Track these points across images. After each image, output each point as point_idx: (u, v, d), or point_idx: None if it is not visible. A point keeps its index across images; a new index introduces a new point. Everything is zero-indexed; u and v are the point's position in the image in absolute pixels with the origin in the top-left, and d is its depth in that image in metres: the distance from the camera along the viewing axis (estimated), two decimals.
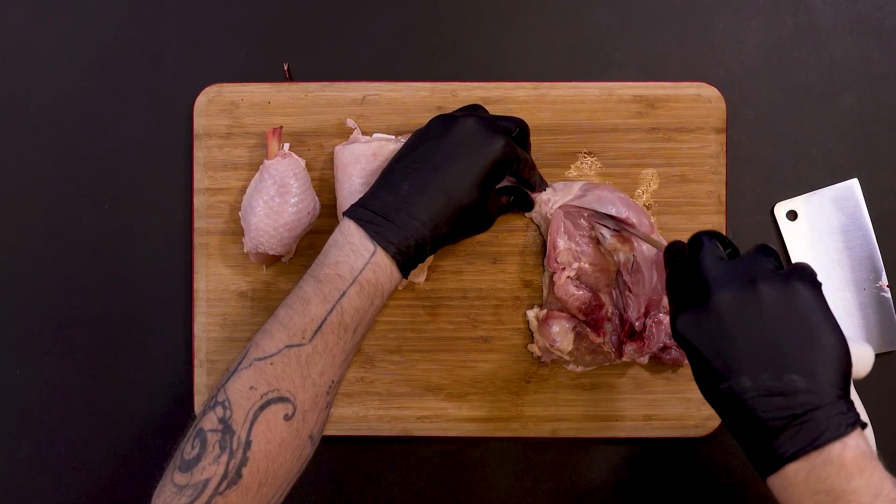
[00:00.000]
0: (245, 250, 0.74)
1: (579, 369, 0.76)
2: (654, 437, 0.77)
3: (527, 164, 0.71)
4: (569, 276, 0.73)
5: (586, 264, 0.73)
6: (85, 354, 0.78)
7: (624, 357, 0.73)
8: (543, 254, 0.76)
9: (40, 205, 0.79)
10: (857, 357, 0.64)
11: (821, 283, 0.56)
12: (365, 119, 0.76)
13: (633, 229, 0.72)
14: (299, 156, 0.75)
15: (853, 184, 0.78)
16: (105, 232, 0.78)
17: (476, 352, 0.76)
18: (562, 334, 0.73)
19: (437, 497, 0.78)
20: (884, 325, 0.77)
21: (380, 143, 0.73)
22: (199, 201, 0.77)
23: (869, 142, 0.78)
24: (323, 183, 0.76)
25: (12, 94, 0.79)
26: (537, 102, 0.76)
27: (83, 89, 0.79)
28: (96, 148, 0.79)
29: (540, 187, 0.74)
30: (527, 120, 0.75)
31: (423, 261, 0.65)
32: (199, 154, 0.76)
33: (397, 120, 0.76)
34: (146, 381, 0.78)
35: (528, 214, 0.76)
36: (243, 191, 0.75)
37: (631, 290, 0.72)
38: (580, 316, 0.73)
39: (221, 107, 0.76)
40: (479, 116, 0.67)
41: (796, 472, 0.52)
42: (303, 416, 0.60)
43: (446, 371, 0.76)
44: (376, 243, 0.62)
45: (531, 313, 0.76)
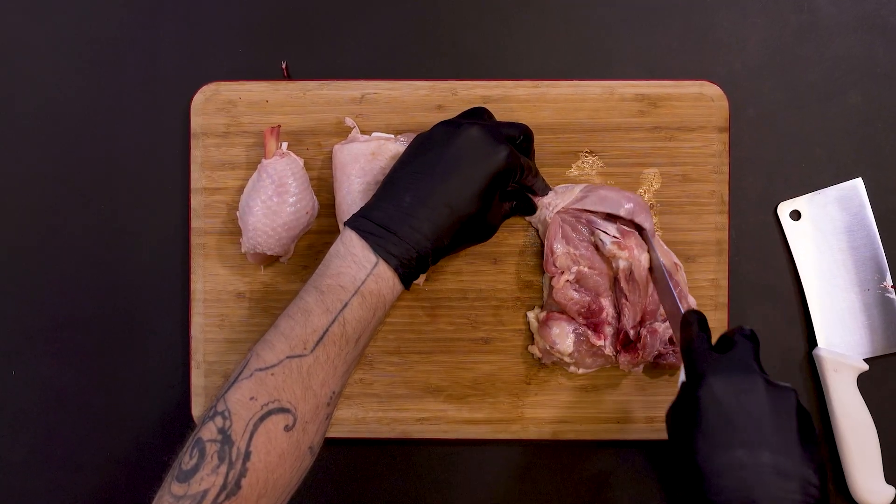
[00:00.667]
0: (243, 250, 0.74)
1: (580, 371, 0.75)
2: (655, 440, 0.76)
3: (530, 171, 0.70)
4: (568, 280, 0.72)
5: (585, 268, 0.73)
6: (81, 356, 0.78)
7: (620, 366, 0.73)
8: (543, 255, 0.75)
9: (36, 205, 0.78)
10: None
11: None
12: (364, 118, 0.76)
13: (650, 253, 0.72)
14: (298, 155, 0.75)
15: (857, 183, 0.77)
16: (101, 232, 0.78)
17: (476, 353, 0.76)
18: (562, 336, 0.73)
19: (436, 500, 0.77)
20: (888, 325, 0.76)
21: (379, 142, 0.72)
22: (196, 201, 0.76)
23: (873, 141, 0.78)
24: (321, 182, 0.76)
25: (7, 93, 0.79)
26: (538, 101, 0.76)
27: (79, 88, 0.79)
28: (92, 147, 0.78)
29: (543, 192, 0.73)
30: (527, 119, 0.75)
31: (424, 271, 0.66)
32: (197, 153, 0.76)
33: (396, 119, 0.76)
34: (143, 382, 0.78)
35: (528, 218, 0.75)
36: (241, 190, 0.75)
37: (627, 299, 0.72)
38: (580, 319, 0.73)
39: (219, 105, 0.76)
40: (482, 125, 0.66)
41: None
42: (303, 427, 0.60)
43: (446, 372, 0.76)
44: (378, 255, 0.62)
45: (531, 314, 0.76)
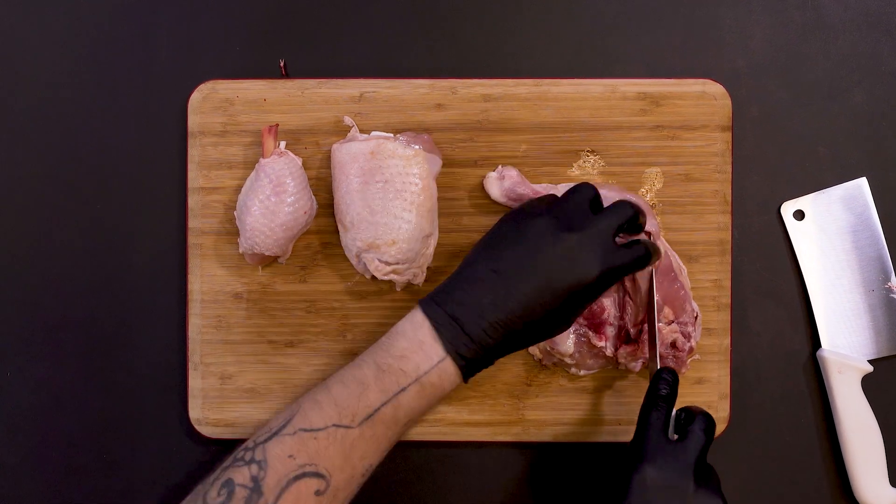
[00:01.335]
0: (240, 251, 0.74)
1: (581, 373, 0.75)
2: None
3: (631, 266, 0.64)
4: None
5: None
6: (76, 357, 0.78)
7: (619, 361, 0.73)
8: None
9: (30, 204, 0.78)
10: None
11: None
12: (363, 116, 0.75)
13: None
14: (296, 154, 0.74)
15: (862, 183, 0.77)
16: (97, 232, 0.78)
17: None
18: (562, 337, 0.72)
19: (435, 503, 0.77)
20: (893, 326, 0.76)
21: (378, 141, 0.72)
22: (193, 201, 0.76)
23: (878, 140, 0.77)
24: (320, 182, 0.76)
25: (0, 92, 0.78)
26: (539, 100, 0.75)
27: (74, 87, 0.78)
28: (88, 146, 0.78)
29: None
30: (528, 117, 0.75)
31: (487, 367, 0.64)
32: (194, 152, 0.76)
33: (396, 117, 0.75)
34: (139, 384, 0.78)
35: None
36: (238, 190, 0.75)
37: (631, 297, 0.71)
38: (581, 320, 0.72)
39: (216, 104, 0.75)
40: (582, 234, 0.62)
41: None
42: (334, 494, 0.60)
43: None
44: (447, 353, 0.62)
45: None
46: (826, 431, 0.77)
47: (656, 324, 0.69)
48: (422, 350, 0.62)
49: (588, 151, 0.76)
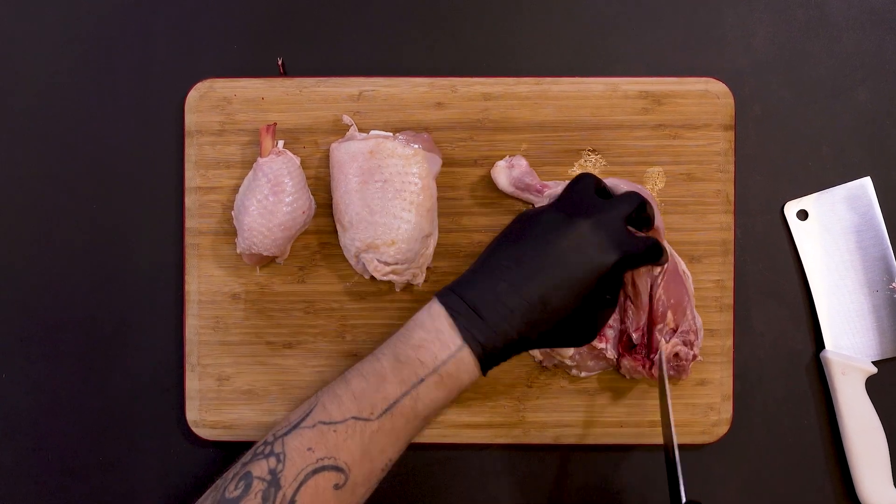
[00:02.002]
0: (238, 251, 0.73)
1: (582, 374, 0.75)
2: (660, 444, 0.76)
3: (644, 255, 0.64)
4: None
5: None
6: (73, 359, 0.77)
7: (622, 370, 0.73)
8: None
9: (26, 205, 0.78)
10: None
11: None
12: (362, 115, 0.75)
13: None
14: (294, 153, 0.74)
15: (866, 182, 0.77)
16: (93, 232, 0.77)
17: None
18: None
19: None
20: None
21: (377, 140, 0.72)
22: (190, 200, 0.75)
23: (882, 139, 0.77)
24: (318, 182, 0.75)
25: None
26: (540, 98, 0.75)
27: (70, 85, 0.78)
28: (84, 146, 0.78)
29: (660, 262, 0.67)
30: (529, 116, 0.75)
31: (505, 360, 0.63)
32: (191, 152, 0.75)
33: (395, 116, 0.75)
34: (136, 386, 0.77)
35: (536, 206, 0.74)
36: (236, 189, 0.75)
37: (632, 301, 0.71)
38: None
39: (213, 103, 0.75)
40: (594, 222, 0.63)
41: None
42: (353, 489, 0.60)
43: None
44: (465, 340, 0.61)
45: None
46: (829, 433, 0.76)
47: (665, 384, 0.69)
48: (439, 339, 0.61)
49: (589, 151, 0.75)
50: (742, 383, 0.76)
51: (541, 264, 0.61)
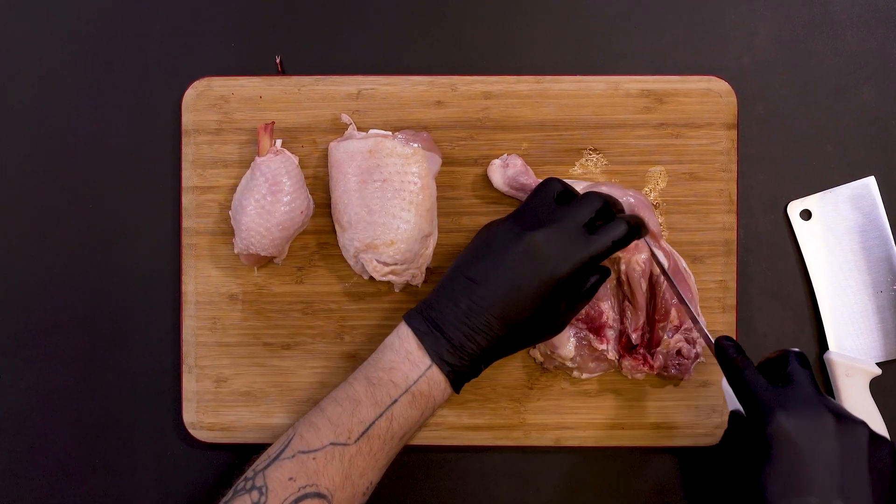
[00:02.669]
0: (235, 251, 0.73)
1: (584, 376, 0.74)
2: (661, 447, 0.75)
3: (612, 248, 0.64)
4: None
5: None
6: (69, 360, 0.77)
7: (623, 370, 0.73)
8: None
9: (21, 204, 0.77)
10: None
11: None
12: (360, 114, 0.75)
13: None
14: (292, 152, 0.74)
15: (870, 182, 0.76)
16: (89, 232, 0.77)
17: None
18: (562, 341, 0.72)
19: None
20: None
21: (376, 139, 0.72)
22: (187, 200, 0.75)
23: (886, 138, 0.77)
24: (317, 181, 0.75)
25: None
26: (540, 97, 0.75)
27: (65, 83, 0.78)
28: (80, 145, 0.77)
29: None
30: (529, 115, 0.75)
31: (476, 375, 0.66)
32: (188, 151, 0.75)
33: (394, 115, 0.75)
34: (132, 387, 0.77)
35: None
36: (233, 189, 0.74)
37: (630, 302, 0.71)
38: (580, 323, 0.72)
39: (211, 101, 0.75)
40: (547, 230, 0.63)
41: None
42: None
43: None
44: (432, 360, 0.63)
45: None
46: None
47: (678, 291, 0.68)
48: (409, 360, 0.63)
49: (590, 150, 0.75)
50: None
51: (497, 282, 0.63)
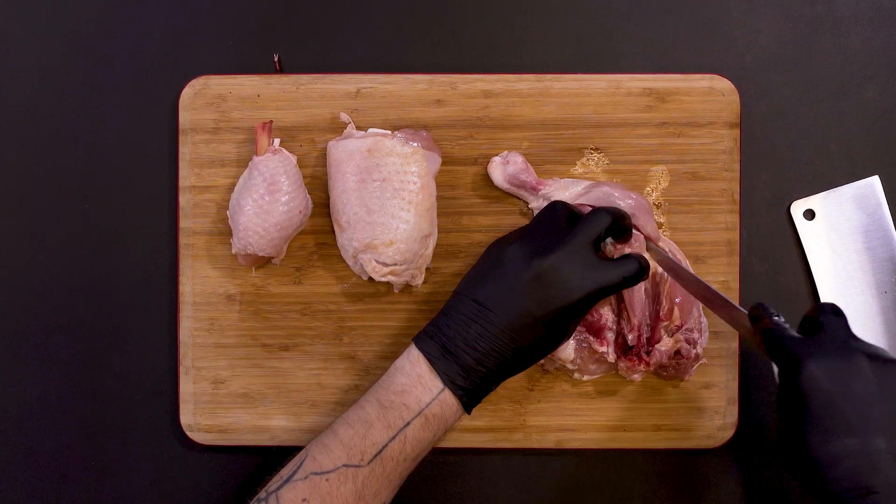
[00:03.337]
0: (233, 251, 0.73)
1: (584, 378, 0.74)
2: (663, 449, 0.75)
3: (621, 284, 0.64)
4: None
5: None
6: (65, 361, 0.77)
7: (619, 373, 0.73)
8: None
9: (16, 204, 0.77)
10: None
11: None
12: (359, 113, 0.75)
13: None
14: (290, 152, 0.74)
15: (874, 181, 0.76)
16: (85, 233, 0.77)
17: None
18: (562, 344, 0.71)
19: None
20: None
21: (375, 138, 0.71)
22: (184, 200, 0.75)
23: (891, 137, 0.77)
24: (315, 180, 0.75)
25: None
26: (541, 96, 0.75)
27: (62, 82, 0.77)
28: (76, 144, 0.77)
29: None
30: (530, 114, 0.74)
31: (487, 394, 0.66)
32: (185, 150, 0.75)
33: (393, 114, 0.75)
34: (129, 389, 0.77)
35: (531, 206, 0.74)
36: (231, 189, 0.74)
37: (625, 303, 0.71)
38: (579, 326, 0.72)
39: (208, 100, 0.75)
40: (558, 255, 0.63)
41: None
42: None
43: None
44: (444, 384, 0.63)
45: None
46: None
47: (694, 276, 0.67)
48: (421, 384, 0.64)
49: (592, 149, 0.75)
50: (748, 386, 0.76)
51: (507, 309, 0.63)
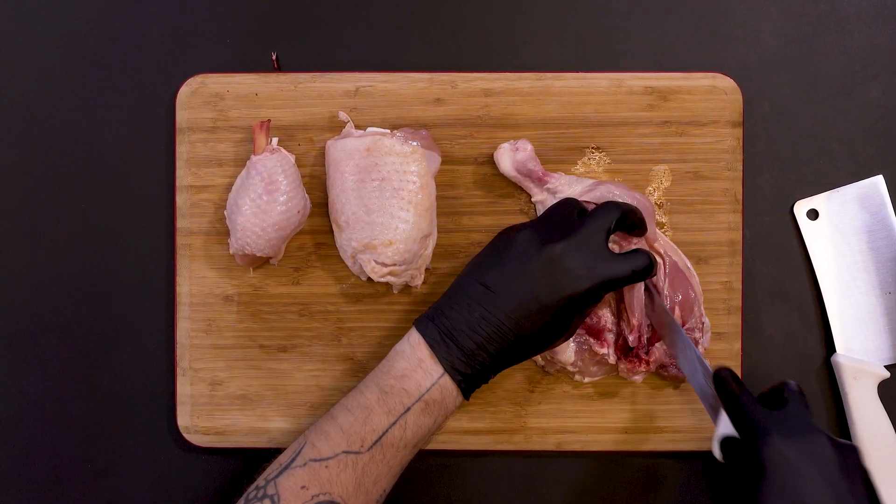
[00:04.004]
0: (231, 252, 0.73)
1: (586, 379, 0.74)
2: (665, 451, 0.75)
3: (631, 278, 0.64)
4: None
5: None
6: (60, 363, 0.77)
7: (620, 374, 0.73)
8: None
9: (11, 204, 0.77)
10: None
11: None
12: (358, 112, 0.75)
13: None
14: (289, 151, 0.73)
15: (878, 181, 0.76)
16: (82, 232, 0.77)
17: None
18: (562, 346, 0.71)
19: None
20: None
21: (374, 137, 0.71)
22: (181, 200, 0.75)
23: (894, 136, 0.77)
24: (314, 180, 0.75)
25: None
26: (542, 94, 0.74)
27: (57, 81, 0.77)
28: (72, 143, 0.77)
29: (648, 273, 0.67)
30: (531, 113, 0.74)
31: (486, 382, 0.65)
32: (182, 149, 0.75)
33: (393, 113, 0.75)
34: (125, 391, 0.77)
35: (534, 199, 0.74)
36: (229, 188, 0.74)
37: (625, 303, 0.71)
38: (579, 328, 0.72)
39: (205, 99, 0.75)
40: (567, 244, 0.62)
41: None
42: None
43: None
44: (444, 368, 0.63)
45: None
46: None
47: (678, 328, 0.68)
48: (421, 368, 0.63)
49: (593, 148, 0.75)
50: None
51: (513, 292, 0.62)
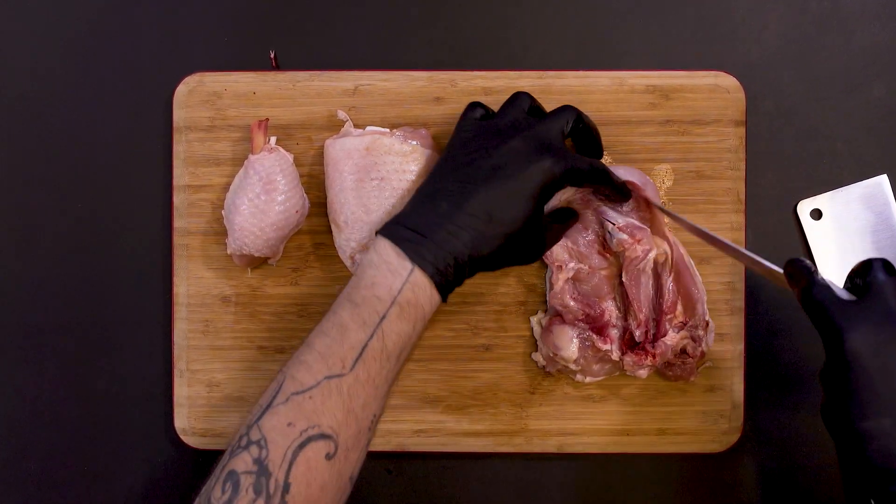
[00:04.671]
0: (228, 252, 0.73)
1: (587, 380, 0.74)
2: (667, 453, 0.75)
3: (590, 174, 0.66)
4: (567, 279, 0.71)
5: (586, 266, 0.72)
6: (57, 364, 0.77)
7: (625, 368, 0.72)
8: None
9: (7, 203, 0.77)
10: None
11: None
12: (357, 111, 0.75)
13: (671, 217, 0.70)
14: (287, 150, 0.73)
15: (882, 180, 0.76)
16: (78, 232, 0.77)
17: (477, 361, 0.75)
18: (565, 342, 0.71)
19: None
20: None
21: (373, 136, 0.71)
22: (178, 199, 0.75)
23: None
24: (312, 179, 0.75)
25: None
26: (543, 93, 0.74)
27: (54, 80, 0.77)
28: (69, 142, 0.77)
29: (621, 195, 0.70)
30: None
31: (460, 283, 0.63)
32: (179, 148, 0.75)
33: (392, 112, 0.75)
34: (122, 392, 0.76)
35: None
36: (226, 188, 0.74)
37: (629, 297, 0.71)
38: (583, 323, 0.72)
39: (203, 98, 0.75)
40: (526, 135, 0.64)
41: None
42: (345, 455, 0.58)
43: (444, 382, 0.75)
44: (414, 262, 0.61)
45: (535, 319, 0.75)
46: None
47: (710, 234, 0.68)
48: (389, 270, 0.61)
49: None
50: (753, 390, 0.75)
51: (482, 179, 0.62)
